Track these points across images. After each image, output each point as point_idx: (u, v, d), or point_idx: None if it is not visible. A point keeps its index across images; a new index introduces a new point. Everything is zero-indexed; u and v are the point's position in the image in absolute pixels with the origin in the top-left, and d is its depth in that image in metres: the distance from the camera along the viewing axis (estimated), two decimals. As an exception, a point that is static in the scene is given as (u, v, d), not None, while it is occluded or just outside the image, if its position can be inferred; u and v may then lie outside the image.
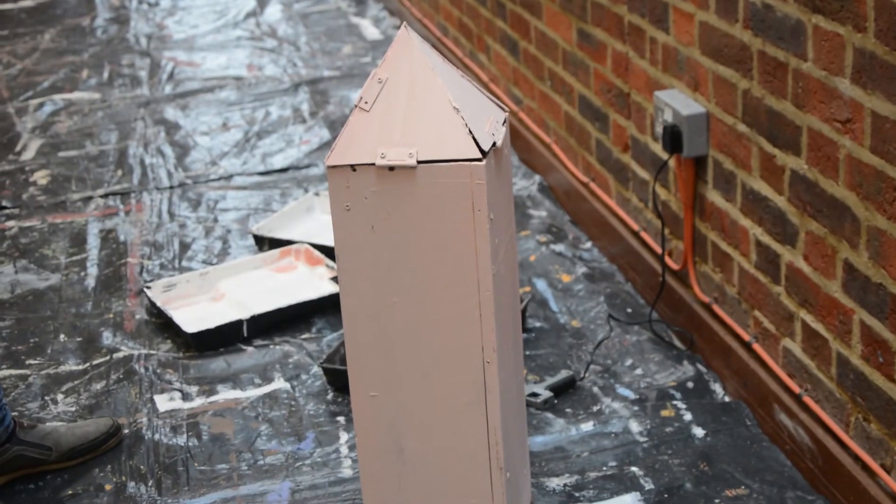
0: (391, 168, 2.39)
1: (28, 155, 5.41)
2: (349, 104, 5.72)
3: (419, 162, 2.37)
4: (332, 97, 5.86)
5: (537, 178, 4.66)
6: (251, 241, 4.39)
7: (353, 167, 2.41)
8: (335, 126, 5.46)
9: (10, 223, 4.71)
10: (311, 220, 4.45)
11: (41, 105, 6.04)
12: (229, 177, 5.00)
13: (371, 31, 6.89)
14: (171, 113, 5.81)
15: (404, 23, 2.53)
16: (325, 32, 6.96)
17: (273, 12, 7.46)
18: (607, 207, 4.05)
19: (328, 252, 4.09)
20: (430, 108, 2.41)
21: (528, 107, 4.74)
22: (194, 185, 4.95)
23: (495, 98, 4.76)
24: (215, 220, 4.60)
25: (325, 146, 5.23)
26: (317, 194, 4.54)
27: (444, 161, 2.37)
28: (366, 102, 2.45)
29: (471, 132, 2.37)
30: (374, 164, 2.39)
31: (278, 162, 5.12)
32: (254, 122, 5.60)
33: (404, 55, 2.46)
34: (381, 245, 2.45)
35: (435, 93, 2.42)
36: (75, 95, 6.16)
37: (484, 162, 2.36)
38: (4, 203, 4.89)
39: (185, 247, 4.41)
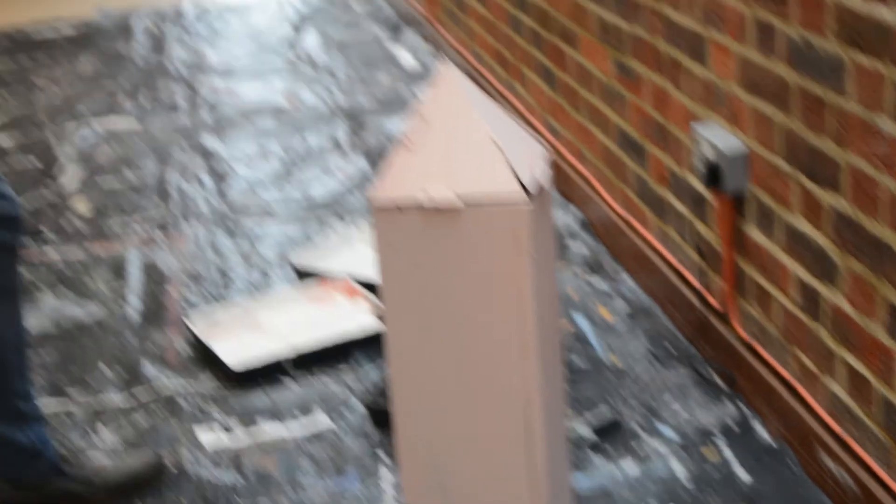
0: (436, 209, 2.40)
1: (67, 182, 5.46)
2: (387, 134, 5.75)
3: (464, 203, 2.39)
4: (370, 127, 5.88)
5: (575, 210, 4.67)
6: (291, 272, 4.41)
7: (397, 207, 2.42)
8: (373, 156, 5.48)
9: (50, 251, 4.75)
10: (351, 253, 4.46)
11: (80, 132, 6.09)
12: (268, 207, 5.03)
13: (408, 60, 6.91)
14: (209, 141, 5.84)
15: (445, 58, 2.54)
16: (361, 60, 6.99)
17: (310, 40, 7.49)
18: (646, 242, 4.05)
19: (368, 285, 4.10)
20: (474, 147, 2.43)
21: (564, 137, 4.75)
22: (234, 214, 4.98)
23: (533, 130, 4.78)
24: (255, 251, 4.62)
25: (364, 177, 5.25)
26: (356, 226, 4.56)
27: (490, 203, 2.38)
28: (409, 141, 2.46)
29: (516, 174, 2.38)
30: (418, 205, 2.41)
31: (317, 192, 5.14)
32: (292, 152, 5.62)
33: (447, 93, 2.48)
34: (426, 285, 2.47)
35: (479, 132, 2.43)
36: (114, 122, 6.21)
37: (529, 204, 2.37)
38: (43, 231, 4.93)
39: (224, 277, 4.44)
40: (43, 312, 4.27)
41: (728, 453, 3.25)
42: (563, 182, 4.79)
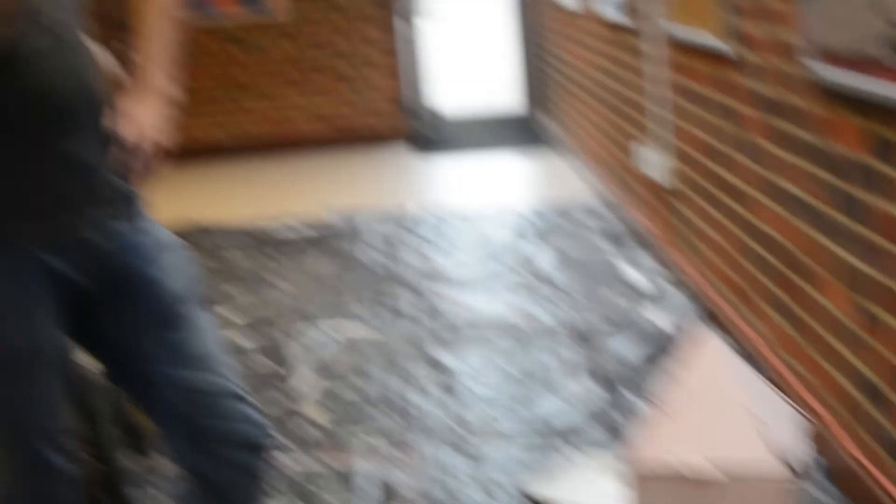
0: (699, 481, 2.41)
1: (297, 385, 5.58)
2: (619, 357, 5.73)
3: (728, 477, 2.39)
4: (601, 348, 5.89)
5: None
6: (522, 498, 4.41)
7: (659, 476, 2.44)
8: (608, 381, 5.45)
9: (282, 458, 4.84)
10: (587, 486, 4.43)
11: (310, 334, 6.25)
12: (499, 427, 5.05)
13: (637, 278, 6.94)
14: (439, 353, 5.93)
15: (700, 321, 2.57)
16: (591, 277, 7.04)
17: (540, 253, 7.59)
18: (886, 492, 3.96)
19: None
20: (737, 420, 2.44)
21: (799, 373, 4.71)
22: (466, 434, 5.02)
23: (765, 362, 4.73)
24: (484, 473, 4.64)
25: (598, 404, 5.22)
26: (591, 457, 4.55)
27: (755, 478, 2.38)
28: (668, 407, 2.48)
29: (782, 453, 2.38)
30: (681, 476, 2.42)
31: (549, 415, 5.15)
32: (522, 369, 5.66)
33: (704, 359, 2.50)
34: (682, 552, 2.47)
35: (741, 405, 2.44)
36: (344, 326, 6.36)
37: (795, 481, 2.36)
38: (276, 436, 5.04)
39: (453, 499, 4.46)
40: (277, 523, 4.36)
41: None
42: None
